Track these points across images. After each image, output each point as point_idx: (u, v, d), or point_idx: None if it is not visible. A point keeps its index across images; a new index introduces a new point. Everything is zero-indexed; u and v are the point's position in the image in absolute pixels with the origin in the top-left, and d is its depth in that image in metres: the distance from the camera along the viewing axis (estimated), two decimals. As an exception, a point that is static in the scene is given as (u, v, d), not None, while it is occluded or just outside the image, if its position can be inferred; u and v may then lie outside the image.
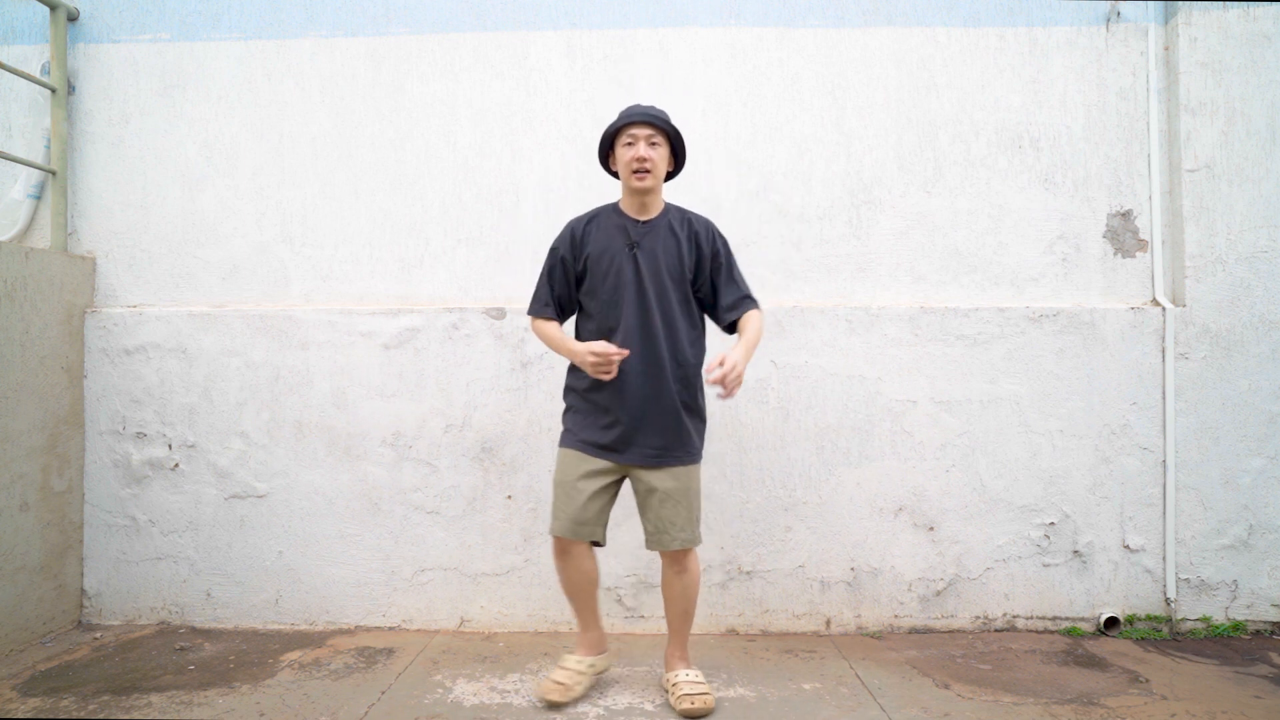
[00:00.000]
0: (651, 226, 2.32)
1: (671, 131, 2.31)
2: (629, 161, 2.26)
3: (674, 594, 2.35)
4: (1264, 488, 2.91)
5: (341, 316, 3.00)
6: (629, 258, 2.28)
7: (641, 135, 2.26)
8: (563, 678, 2.28)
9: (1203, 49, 2.98)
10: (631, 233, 2.30)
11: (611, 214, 2.36)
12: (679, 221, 2.34)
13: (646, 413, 2.24)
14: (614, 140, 2.32)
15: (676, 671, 2.32)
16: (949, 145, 3.06)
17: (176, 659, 2.63)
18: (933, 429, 2.94)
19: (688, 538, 2.28)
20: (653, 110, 2.30)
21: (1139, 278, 3.03)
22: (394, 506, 2.96)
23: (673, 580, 2.34)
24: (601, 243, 2.31)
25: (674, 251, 2.30)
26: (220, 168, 3.12)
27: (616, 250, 2.29)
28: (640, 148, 2.25)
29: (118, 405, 3.01)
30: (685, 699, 2.20)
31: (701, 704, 2.19)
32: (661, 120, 2.28)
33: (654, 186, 2.29)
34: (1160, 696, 2.35)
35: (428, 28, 3.12)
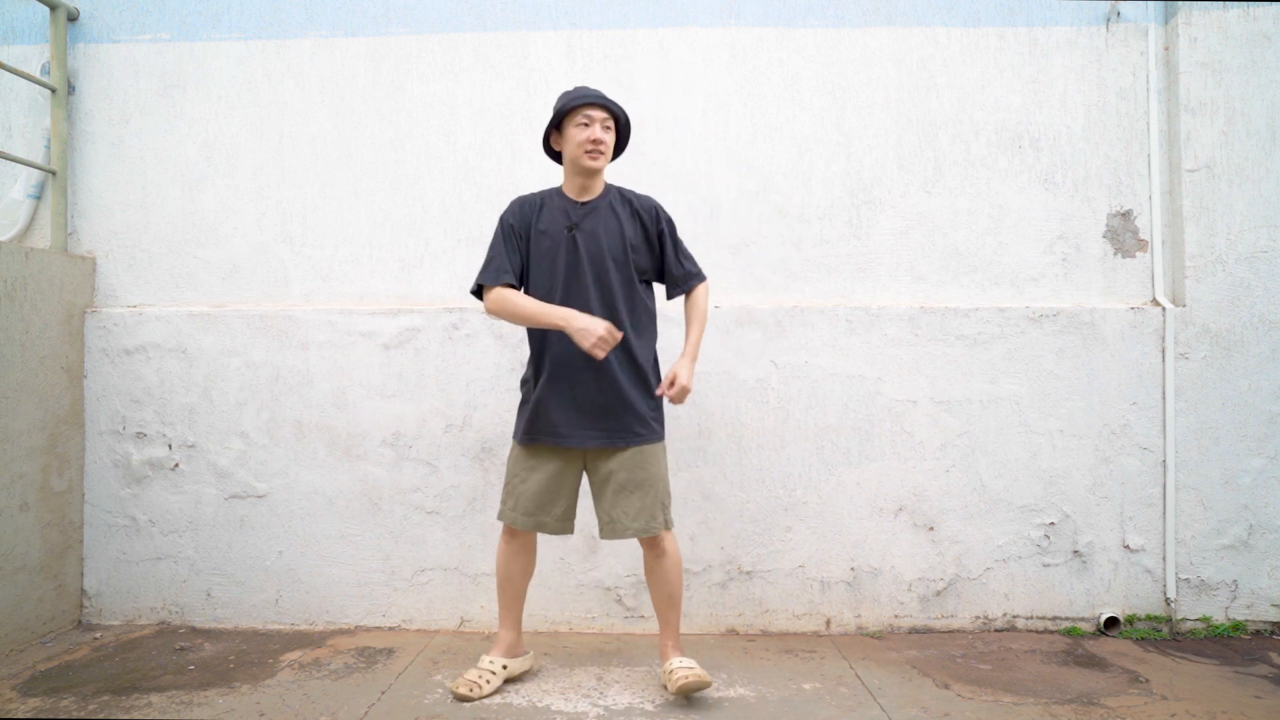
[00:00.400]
0: (592, 207, 2.34)
1: (623, 118, 2.35)
2: (583, 142, 2.27)
3: (655, 580, 2.37)
4: (1264, 488, 2.91)
5: (341, 316, 3.00)
6: (567, 239, 2.30)
7: (598, 118, 2.28)
8: (473, 675, 2.32)
9: (1203, 49, 2.98)
10: (571, 214, 2.33)
11: (555, 196, 2.39)
12: (619, 201, 2.37)
13: (589, 395, 2.26)
14: (563, 120, 2.32)
15: (670, 660, 2.33)
16: (949, 145, 3.06)
17: (176, 659, 2.63)
18: (933, 429, 2.94)
19: (641, 526, 2.27)
20: (603, 95, 2.33)
21: (1139, 278, 3.03)
22: (394, 506, 2.96)
23: (652, 566, 2.36)
24: (545, 222, 2.34)
25: (615, 231, 2.31)
26: (220, 168, 3.12)
27: (557, 231, 2.31)
28: (596, 129, 2.27)
29: (118, 405, 3.01)
30: (680, 677, 2.22)
31: (695, 677, 2.21)
32: (616, 106, 2.32)
33: (602, 170, 2.33)
34: (1160, 696, 2.35)
35: (428, 28, 3.12)
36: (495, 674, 2.34)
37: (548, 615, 2.93)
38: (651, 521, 2.28)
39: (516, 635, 2.44)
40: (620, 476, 2.28)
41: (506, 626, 2.43)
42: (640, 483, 2.28)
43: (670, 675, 2.28)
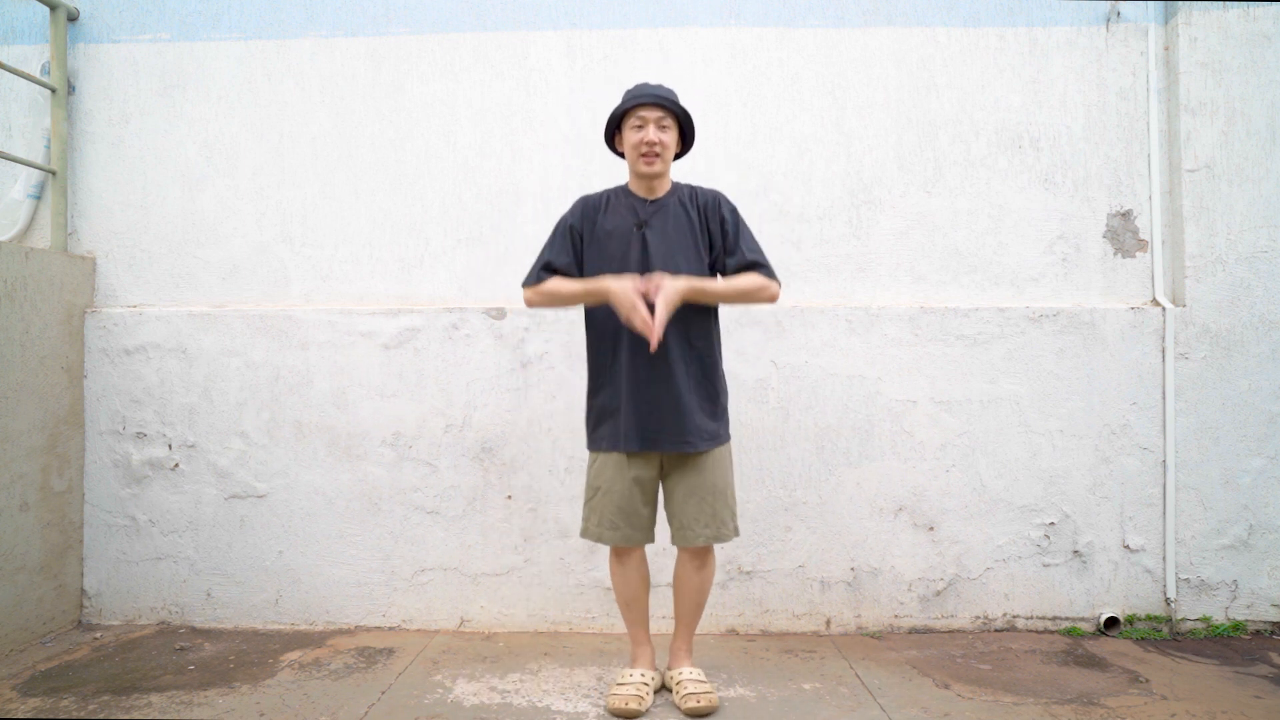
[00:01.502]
0: (660, 205, 2.28)
1: (680, 113, 2.26)
2: (637, 144, 2.22)
3: (690, 588, 2.31)
4: (1264, 488, 2.91)
5: (341, 316, 3.00)
6: (637, 238, 2.24)
7: (651, 118, 2.21)
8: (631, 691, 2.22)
9: (1203, 49, 2.98)
10: (640, 212, 2.27)
11: (621, 194, 2.33)
12: (688, 198, 2.30)
13: (658, 399, 2.20)
14: (621, 121, 2.28)
15: (681, 669, 2.30)
16: (949, 145, 3.06)
17: (176, 659, 2.63)
18: (933, 429, 2.94)
19: (713, 534, 2.23)
20: (661, 90, 2.25)
21: (1139, 278, 3.03)
22: (394, 506, 2.96)
23: (690, 574, 2.31)
24: (611, 221, 2.28)
25: (685, 229, 2.25)
26: (220, 168, 3.12)
27: (625, 230, 2.25)
28: (650, 131, 2.21)
29: (118, 405, 3.01)
30: (690, 697, 2.18)
31: (707, 702, 2.18)
32: (671, 102, 2.23)
33: (663, 171, 2.26)
34: (1160, 696, 2.35)
35: (428, 28, 3.12)
36: (648, 684, 2.27)
37: (548, 615, 2.93)
38: (722, 529, 2.25)
39: (653, 647, 2.39)
40: (692, 484, 2.23)
41: (643, 642, 2.35)
42: (712, 489, 2.24)
43: (679, 687, 2.23)
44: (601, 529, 2.27)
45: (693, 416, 2.21)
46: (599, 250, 2.26)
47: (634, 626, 2.36)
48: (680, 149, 2.34)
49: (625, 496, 2.24)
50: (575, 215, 2.33)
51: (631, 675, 2.28)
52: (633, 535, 2.26)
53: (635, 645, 2.37)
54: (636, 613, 2.34)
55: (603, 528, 2.27)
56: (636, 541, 2.28)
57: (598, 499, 2.28)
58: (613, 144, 2.36)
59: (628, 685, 2.24)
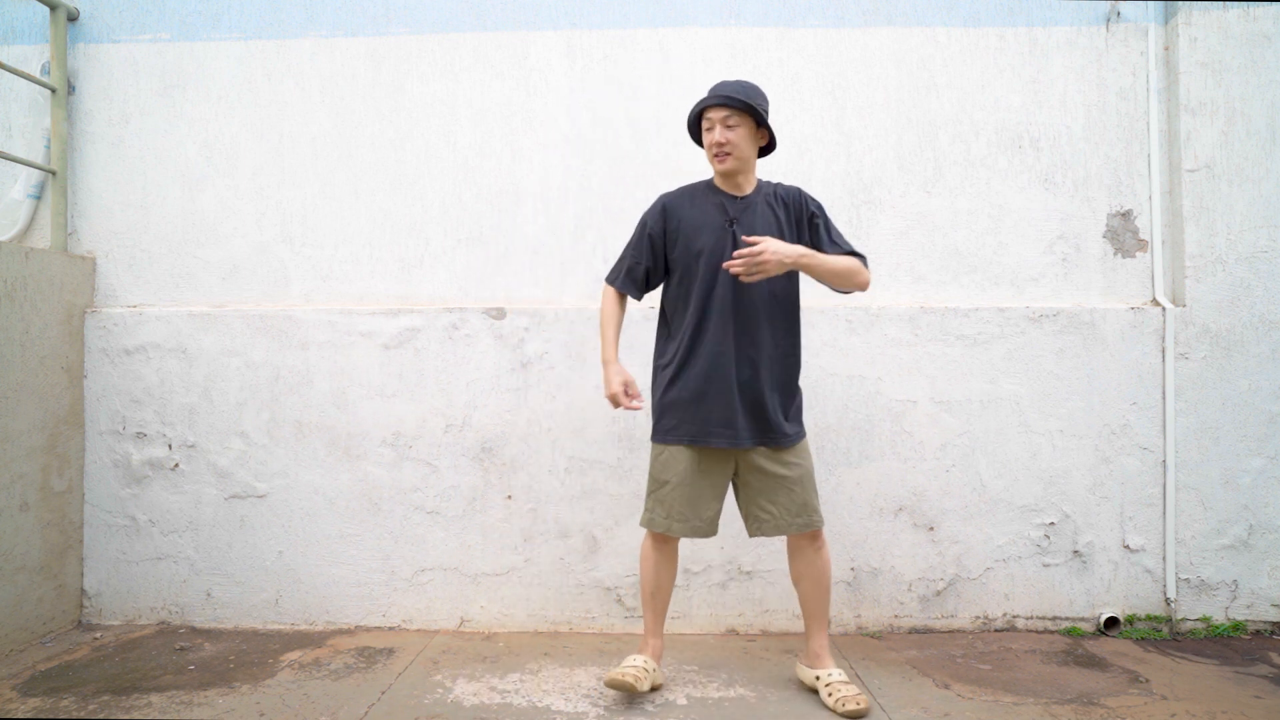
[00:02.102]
0: (749, 203, 2.29)
1: (745, 107, 2.23)
2: (709, 146, 2.26)
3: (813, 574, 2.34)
4: (1264, 488, 2.91)
5: (341, 316, 3.00)
6: (728, 234, 2.24)
7: (717, 118, 2.24)
8: (633, 671, 2.25)
9: (1203, 49, 2.98)
10: (729, 209, 2.28)
11: (706, 190, 2.34)
12: (773, 196, 2.31)
13: (744, 395, 2.22)
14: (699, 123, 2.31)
15: (830, 670, 2.30)
16: (949, 145, 3.06)
17: (176, 659, 2.63)
18: (933, 429, 2.94)
19: (805, 521, 2.26)
20: (727, 89, 2.25)
21: (1139, 278, 3.03)
22: (394, 506, 2.96)
23: (812, 559, 2.33)
24: (696, 219, 2.28)
25: (774, 227, 2.26)
26: (220, 168, 3.12)
27: (714, 227, 2.26)
28: (717, 132, 2.23)
29: (118, 405, 3.01)
30: (849, 699, 2.18)
31: (866, 704, 2.19)
32: (737, 100, 2.21)
33: (738, 168, 2.27)
34: (1160, 696, 2.35)
35: (428, 28, 3.12)
36: (648, 672, 2.29)
37: (548, 615, 2.93)
38: (814, 516, 2.28)
39: (663, 643, 2.42)
40: (778, 473, 2.25)
41: (656, 635, 2.38)
42: (798, 479, 2.27)
43: (833, 689, 2.23)
44: (670, 521, 2.28)
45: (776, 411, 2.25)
46: (687, 245, 2.27)
47: (652, 616, 2.38)
48: (765, 142, 2.32)
49: (696, 490, 2.26)
50: (655, 219, 2.34)
51: (635, 660, 2.32)
52: (700, 527, 2.29)
53: (647, 635, 2.39)
54: (659, 603, 2.37)
55: (671, 519, 2.27)
56: (703, 534, 2.30)
57: (666, 491, 2.29)
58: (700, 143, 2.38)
59: (630, 666, 2.28)
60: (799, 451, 2.30)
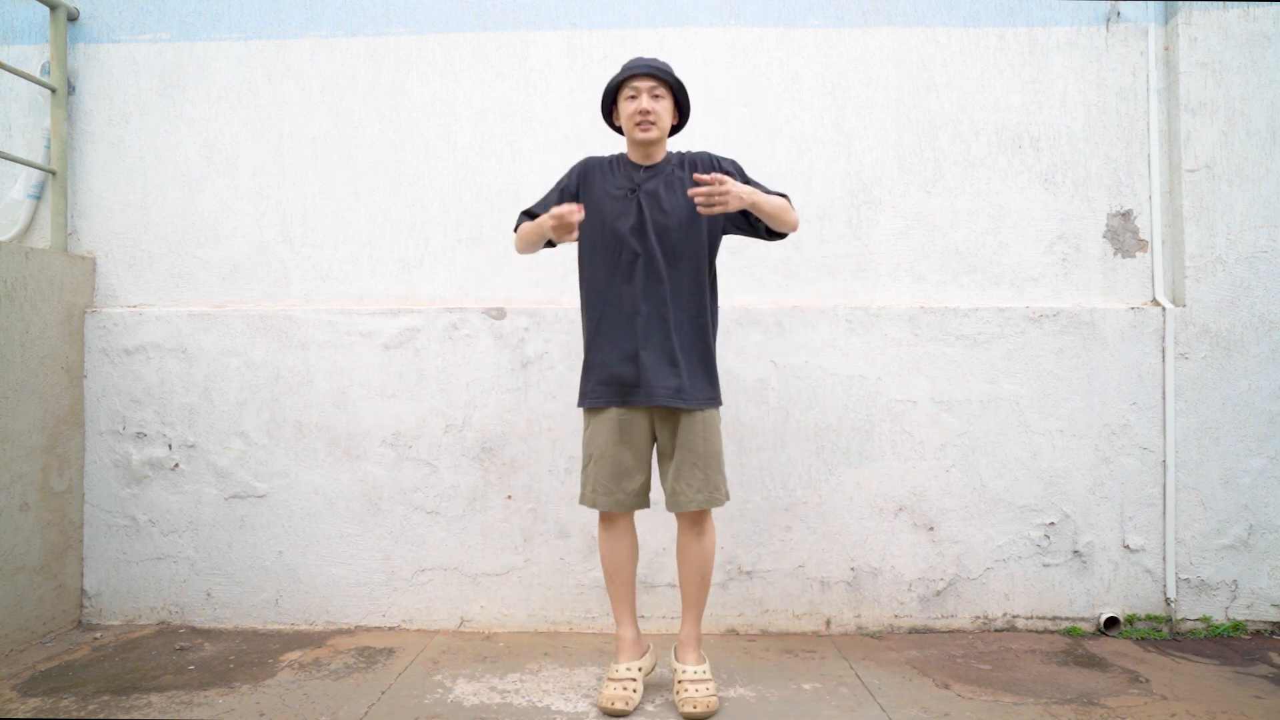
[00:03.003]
0: (655, 170, 2.33)
1: (674, 83, 2.30)
2: (632, 114, 2.27)
3: (691, 557, 2.29)
4: (1264, 488, 2.91)
5: (341, 316, 3.00)
6: (632, 201, 2.28)
7: (644, 88, 2.26)
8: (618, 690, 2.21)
9: (1203, 49, 2.98)
10: (635, 177, 2.32)
11: (620, 162, 2.38)
12: (680, 164, 2.34)
13: (652, 351, 2.23)
14: (616, 94, 2.33)
15: (686, 666, 2.27)
16: (949, 145, 3.06)
17: (176, 659, 2.63)
18: (933, 429, 2.94)
19: (706, 498, 2.23)
20: (655, 62, 2.30)
21: (1139, 278, 3.03)
22: (394, 506, 2.96)
23: (690, 542, 2.29)
24: (605, 186, 2.33)
25: (679, 193, 2.29)
26: (220, 168, 3.12)
27: (619, 194, 2.30)
28: (643, 100, 2.25)
29: (118, 405, 3.01)
30: (687, 701, 2.16)
31: (704, 708, 2.15)
32: (664, 72, 2.28)
33: (658, 139, 2.30)
34: (1160, 696, 2.35)
35: (428, 28, 3.12)
36: (636, 679, 2.27)
37: (548, 615, 2.93)
38: (715, 493, 2.25)
39: (638, 631, 2.37)
40: (686, 446, 2.24)
41: (626, 624, 2.34)
42: (704, 454, 2.25)
43: (680, 688, 2.21)
44: (596, 494, 2.28)
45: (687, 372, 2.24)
46: (595, 211, 2.31)
47: (618, 603, 2.35)
48: (677, 122, 2.39)
49: (617, 459, 2.26)
50: (572, 178, 2.39)
51: (618, 670, 2.28)
52: (625, 500, 2.27)
53: (620, 627, 2.35)
54: (620, 585, 2.34)
55: (598, 493, 2.28)
56: (628, 506, 2.28)
57: (592, 465, 2.30)
58: (611, 120, 2.41)
59: (615, 682, 2.25)
60: (706, 422, 2.27)
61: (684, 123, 2.41)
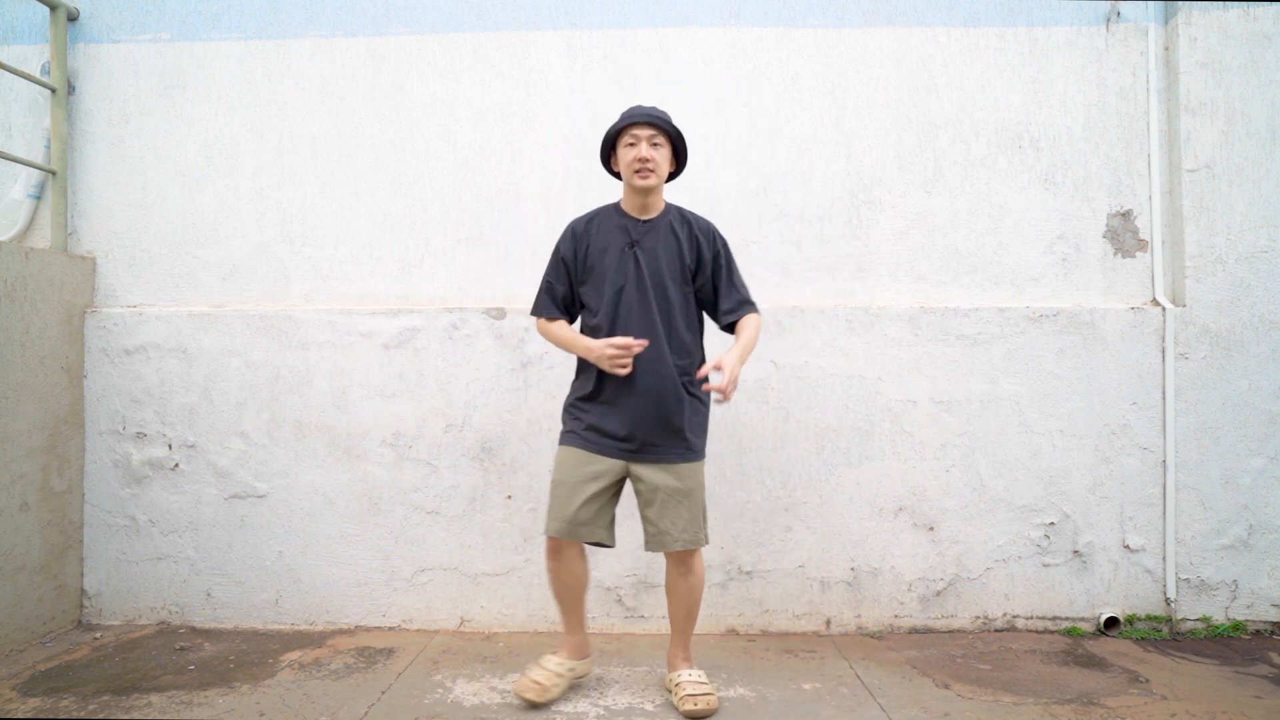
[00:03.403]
0: (652, 226, 2.33)
1: (673, 132, 2.32)
2: (631, 162, 2.28)
3: (678, 594, 2.35)
4: (1264, 488, 2.91)
5: (341, 316, 3.00)
6: (630, 256, 2.30)
7: (643, 136, 2.27)
8: (540, 677, 2.27)
9: (1203, 49, 2.98)
10: (632, 231, 2.32)
11: (612, 213, 2.38)
12: (679, 221, 2.36)
13: (648, 410, 2.25)
14: (616, 141, 2.33)
15: (679, 671, 2.32)
16: (949, 145, 3.06)
17: (176, 659, 2.63)
18: (933, 429, 2.94)
19: (690, 539, 2.27)
20: (654, 111, 2.31)
21: (1139, 278, 3.03)
22: (394, 506, 2.96)
23: (678, 581, 2.33)
24: (602, 241, 2.33)
25: (674, 250, 2.31)
26: (220, 168, 3.12)
27: (617, 249, 2.31)
28: (642, 148, 2.26)
29: (118, 405, 3.01)
30: (689, 699, 2.20)
31: (705, 705, 2.19)
32: (663, 121, 2.30)
33: (656, 185, 2.31)
34: (1160, 696, 2.35)
35: (428, 28, 3.12)
36: (562, 676, 2.31)
37: (548, 615, 2.93)
38: (698, 534, 2.29)
39: (583, 636, 2.41)
40: (669, 489, 2.26)
41: (571, 630, 2.38)
42: (687, 494, 2.28)
43: (678, 690, 2.26)
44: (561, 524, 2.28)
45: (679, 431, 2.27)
46: (593, 268, 2.33)
47: (565, 615, 2.39)
48: (674, 169, 2.40)
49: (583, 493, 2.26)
50: (566, 244, 2.39)
51: (549, 661, 2.33)
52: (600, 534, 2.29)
53: (565, 633, 2.39)
54: (567, 604, 2.37)
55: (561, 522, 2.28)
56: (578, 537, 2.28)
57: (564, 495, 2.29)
58: (609, 164, 2.41)
59: (541, 670, 2.29)
60: (694, 469, 2.30)
61: (681, 170, 2.43)
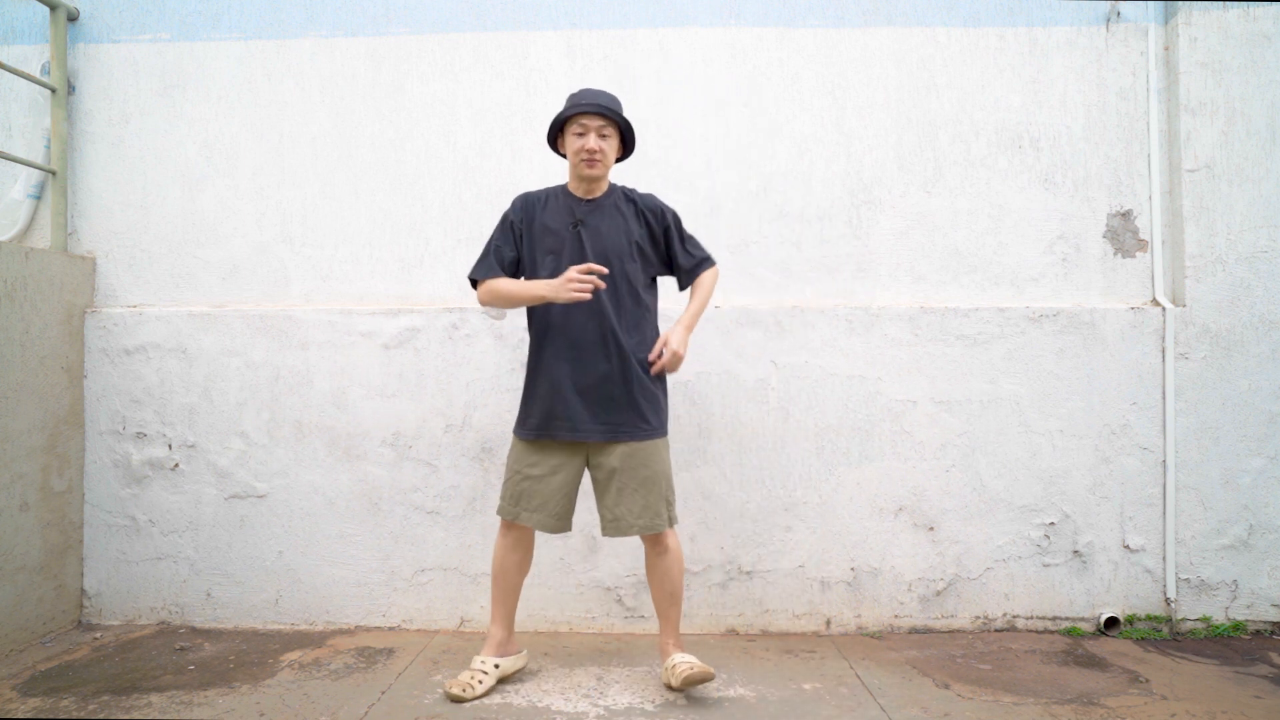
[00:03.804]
0: (596, 205, 2.37)
1: (623, 123, 2.35)
2: (579, 150, 2.31)
3: (656, 576, 2.38)
4: (1264, 488, 2.91)
5: (341, 316, 3.00)
6: (573, 235, 2.33)
7: (593, 126, 2.30)
8: (466, 676, 2.31)
9: (1203, 49, 2.98)
10: (577, 211, 2.36)
11: (560, 194, 2.43)
12: (623, 200, 2.40)
13: (595, 388, 2.28)
14: (564, 124, 2.36)
15: (671, 656, 2.34)
16: (949, 145, 3.06)
17: (176, 659, 2.63)
18: (933, 429, 2.94)
19: (646, 524, 2.28)
20: (603, 99, 2.34)
21: (1139, 278, 3.03)
22: (394, 506, 2.96)
23: (654, 563, 2.37)
24: (549, 219, 2.38)
25: (620, 227, 2.35)
26: (220, 168, 3.12)
27: (561, 227, 2.35)
28: (591, 139, 2.30)
29: (118, 405, 3.01)
30: (683, 670, 2.23)
31: (699, 670, 2.23)
32: (612, 111, 2.32)
33: (603, 174, 2.36)
34: (1160, 696, 2.35)
35: (428, 28, 3.12)
36: (488, 673, 2.34)
37: (548, 615, 2.93)
38: (655, 519, 2.30)
39: (508, 633, 2.44)
40: (624, 473, 2.29)
41: (498, 623, 2.42)
42: (644, 480, 2.29)
43: (673, 669, 2.29)
44: (518, 509, 2.33)
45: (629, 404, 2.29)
46: (537, 245, 2.36)
47: (495, 604, 2.42)
48: (621, 154, 2.44)
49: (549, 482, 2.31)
50: (516, 211, 2.43)
51: (475, 660, 2.37)
52: (547, 521, 2.33)
53: (491, 624, 2.42)
54: (502, 589, 2.40)
55: (519, 507, 2.33)
56: (553, 528, 2.34)
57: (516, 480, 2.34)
58: (555, 145, 2.44)
59: (468, 671, 2.33)
60: (647, 450, 2.31)
61: (627, 155, 2.47)
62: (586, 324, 2.28)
